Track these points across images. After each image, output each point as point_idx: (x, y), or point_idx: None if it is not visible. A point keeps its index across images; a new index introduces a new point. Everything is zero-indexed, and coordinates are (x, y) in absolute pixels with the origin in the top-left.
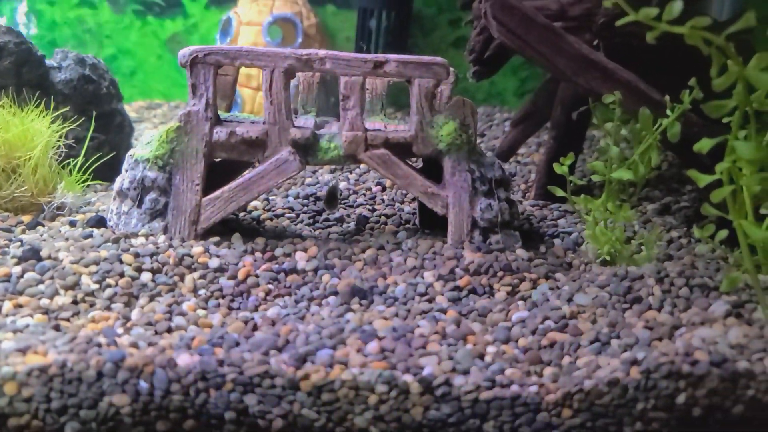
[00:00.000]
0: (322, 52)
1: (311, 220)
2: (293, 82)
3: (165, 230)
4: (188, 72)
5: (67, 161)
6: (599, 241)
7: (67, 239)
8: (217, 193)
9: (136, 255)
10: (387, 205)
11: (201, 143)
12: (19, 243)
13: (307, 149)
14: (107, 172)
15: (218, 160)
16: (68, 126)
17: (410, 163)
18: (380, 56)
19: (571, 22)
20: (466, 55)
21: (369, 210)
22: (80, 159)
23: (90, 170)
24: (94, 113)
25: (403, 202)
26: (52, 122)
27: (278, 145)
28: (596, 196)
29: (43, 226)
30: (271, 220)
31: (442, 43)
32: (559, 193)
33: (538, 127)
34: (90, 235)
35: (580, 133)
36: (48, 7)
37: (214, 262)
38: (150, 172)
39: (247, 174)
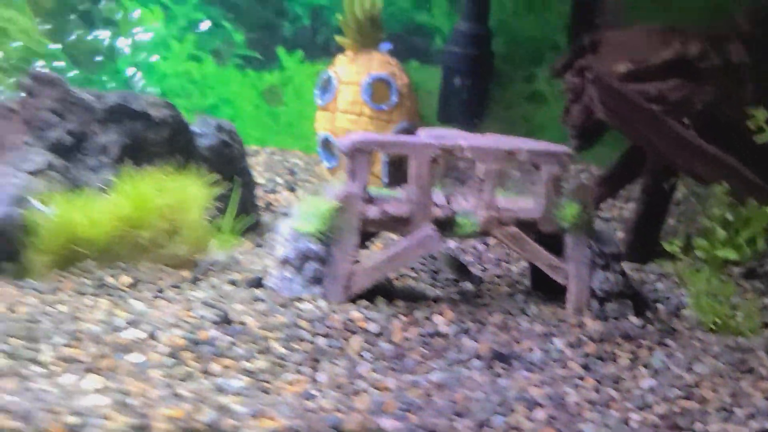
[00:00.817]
0: (464, 144)
1: (431, 279)
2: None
3: (323, 295)
4: (349, 159)
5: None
6: (705, 311)
7: (241, 302)
8: (368, 264)
9: (310, 321)
10: (495, 265)
11: (356, 220)
12: (201, 303)
13: (446, 225)
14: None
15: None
16: (216, 189)
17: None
18: (514, 147)
19: (669, 106)
20: (562, 121)
21: (480, 269)
22: (228, 218)
23: (234, 229)
24: (232, 175)
25: (508, 262)
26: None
27: (421, 222)
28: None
29: (201, 280)
30: (397, 279)
31: (518, 97)
32: (667, 267)
33: (623, 187)
34: (260, 299)
35: (667, 199)
36: (162, 61)
37: (372, 327)
38: (313, 245)
39: (393, 248)
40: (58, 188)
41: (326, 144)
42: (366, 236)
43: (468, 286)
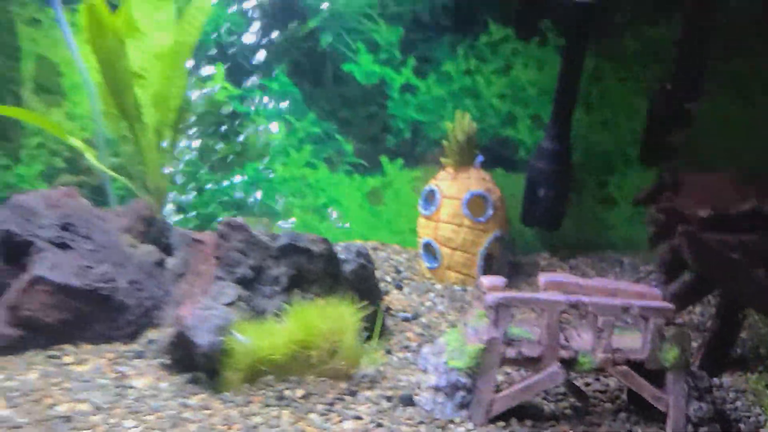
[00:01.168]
0: (586, 300)
1: (544, 392)
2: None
3: (468, 417)
4: (494, 311)
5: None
6: None
7: (406, 423)
8: (506, 392)
9: None
10: (595, 378)
11: (497, 359)
12: (374, 425)
13: (570, 363)
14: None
15: None
16: (361, 312)
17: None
18: (627, 303)
19: (752, 257)
20: (649, 249)
21: (584, 384)
22: (374, 337)
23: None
24: (368, 289)
25: (607, 377)
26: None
27: (550, 361)
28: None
29: (356, 392)
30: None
31: (591, 200)
32: (740, 382)
33: (695, 303)
34: (422, 421)
35: (741, 322)
36: (281, 167)
37: None
38: (462, 378)
39: (527, 381)
40: (245, 316)
41: (428, 247)
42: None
43: (576, 402)
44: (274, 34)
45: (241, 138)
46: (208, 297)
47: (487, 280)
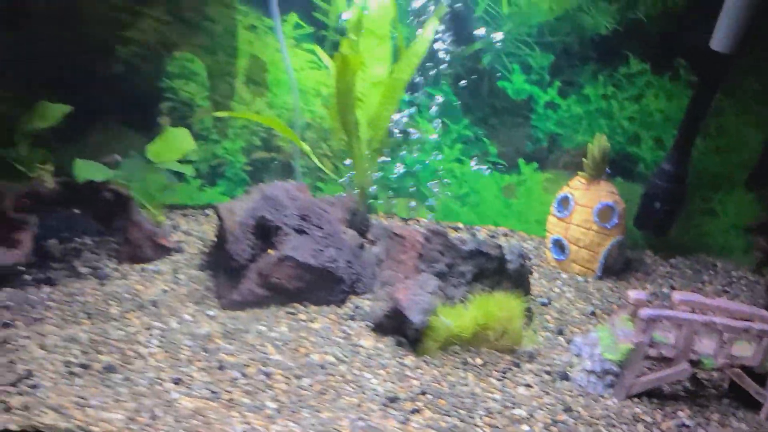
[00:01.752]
0: (717, 320)
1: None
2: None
3: (612, 394)
4: (644, 323)
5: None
6: None
7: (569, 395)
8: (644, 379)
9: (615, 413)
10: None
11: (641, 356)
12: (544, 393)
13: (696, 363)
14: None
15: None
16: (522, 301)
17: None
18: (748, 325)
19: None
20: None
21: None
22: (533, 326)
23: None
24: (524, 283)
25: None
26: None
27: (681, 361)
28: None
29: (519, 365)
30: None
31: (697, 213)
32: None
33: None
34: (580, 394)
35: None
36: (435, 160)
37: (647, 418)
38: (613, 366)
39: (661, 373)
40: (440, 302)
41: (557, 242)
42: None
43: (688, 385)
44: (445, 54)
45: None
46: (416, 285)
47: (633, 294)
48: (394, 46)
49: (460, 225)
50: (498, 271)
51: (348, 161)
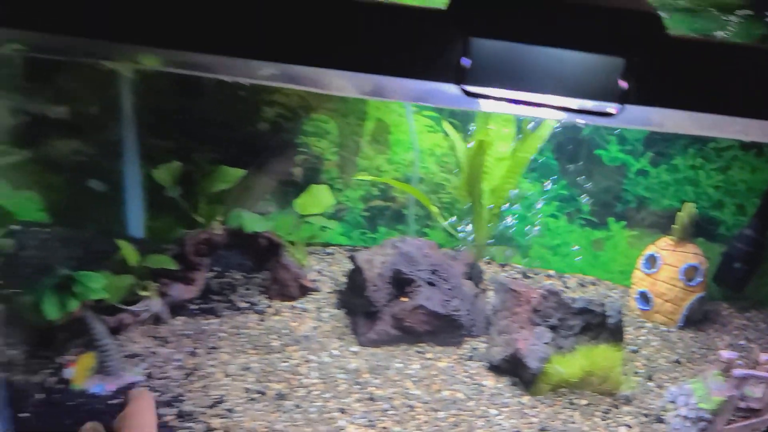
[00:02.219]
0: None
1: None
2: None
3: None
4: (737, 380)
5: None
6: None
7: None
8: (732, 426)
9: None
10: None
11: (732, 408)
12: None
13: None
14: None
15: None
16: (620, 351)
17: None
18: None
19: None
20: None
21: None
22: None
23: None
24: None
25: None
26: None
27: (766, 412)
28: None
29: (618, 407)
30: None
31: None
32: None
33: None
34: None
35: None
36: (530, 215)
37: None
38: (705, 414)
39: (748, 422)
40: (552, 351)
41: (643, 295)
42: None
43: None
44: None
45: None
46: (533, 336)
47: (725, 354)
48: (518, 126)
49: (551, 272)
50: (600, 325)
51: (460, 221)
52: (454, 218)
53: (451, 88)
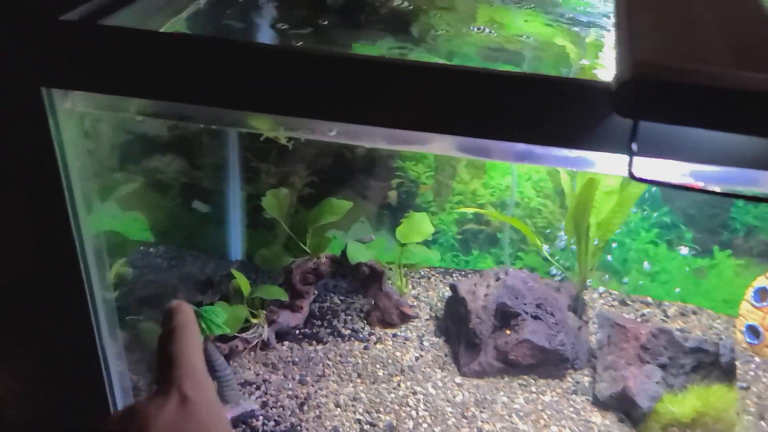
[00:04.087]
0: None
1: None
2: None
3: None
4: None
5: None
6: None
7: None
8: None
9: None
10: None
11: None
12: None
13: None
14: None
15: None
16: (735, 391)
17: None
18: None
19: None
20: None
21: None
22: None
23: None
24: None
25: None
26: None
27: None
28: None
29: None
30: None
31: None
32: None
33: None
34: None
35: None
36: (631, 241)
37: None
38: None
39: None
40: (663, 390)
41: (752, 328)
42: None
43: None
44: None
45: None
46: (643, 374)
47: None
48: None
49: (650, 299)
50: (712, 363)
51: (556, 247)
52: (547, 246)
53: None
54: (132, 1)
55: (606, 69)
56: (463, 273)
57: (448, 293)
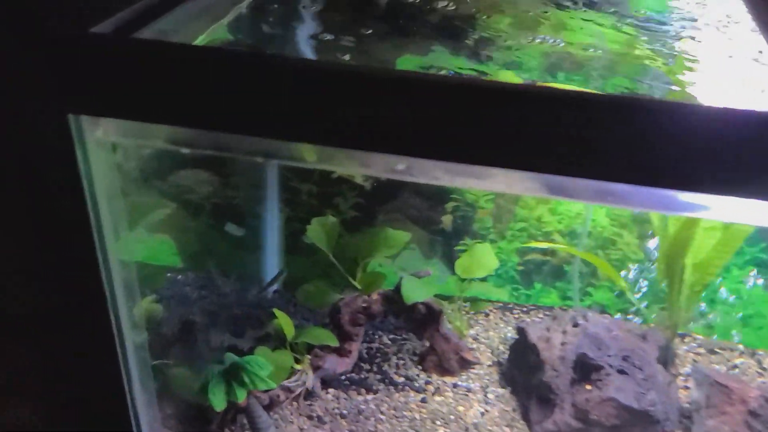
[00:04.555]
0: None
1: None
2: None
3: None
4: None
5: None
6: None
7: None
8: None
9: None
10: None
11: None
12: None
13: None
14: None
15: None
16: None
17: None
18: None
19: None
20: None
21: None
22: None
23: None
24: None
25: None
26: None
27: None
28: None
29: None
30: None
31: None
32: None
33: None
34: None
35: None
36: (723, 279)
37: None
38: None
39: None
40: None
41: None
42: None
43: None
44: None
45: None
46: None
47: None
48: None
49: (741, 347)
50: None
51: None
52: (627, 272)
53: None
54: (166, 8)
55: (711, 86)
56: (524, 309)
57: (511, 334)
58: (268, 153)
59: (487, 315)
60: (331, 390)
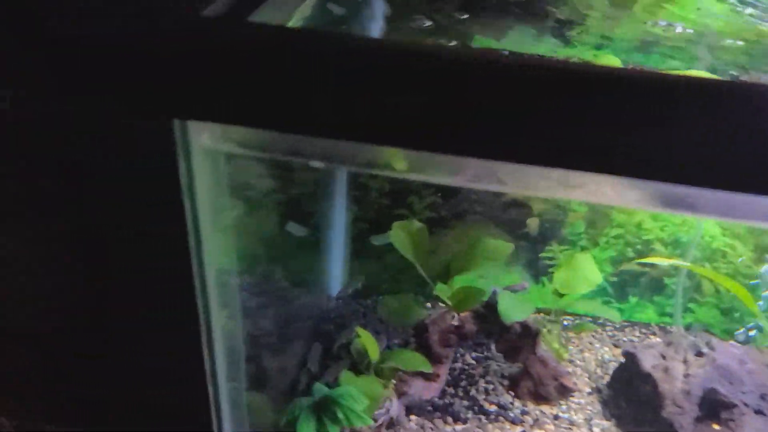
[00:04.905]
0: None
1: None
2: None
3: None
4: None
5: None
6: None
7: None
8: None
9: None
10: None
11: None
12: None
13: None
14: None
15: None
16: None
17: None
18: None
19: None
20: None
21: None
22: None
23: None
24: None
25: None
26: None
27: None
28: None
29: None
30: None
31: None
32: None
33: None
34: None
35: None
36: None
37: None
38: None
39: None
40: None
41: None
42: None
43: None
44: None
45: None
46: None
47: None
48: None
49: None
50: None
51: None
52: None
53: None
54: None
55: None
56: (616, 325)
57: (608, 356)
58: (362, 161)
59: (575, 325)
60: (413, 417)
